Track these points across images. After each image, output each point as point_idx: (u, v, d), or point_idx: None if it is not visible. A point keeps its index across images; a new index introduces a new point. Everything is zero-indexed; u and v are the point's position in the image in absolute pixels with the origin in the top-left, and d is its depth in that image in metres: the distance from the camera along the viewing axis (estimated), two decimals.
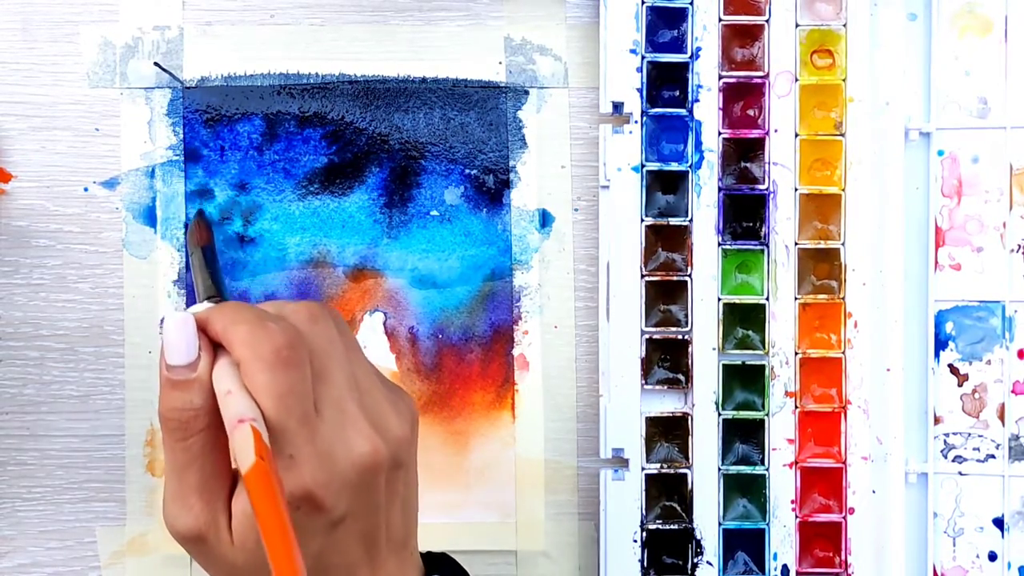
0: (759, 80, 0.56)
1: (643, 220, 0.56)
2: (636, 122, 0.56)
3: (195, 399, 0.39)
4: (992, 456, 0.56)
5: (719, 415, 0.56)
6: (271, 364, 0.38)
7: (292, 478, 0.38)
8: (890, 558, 0.55)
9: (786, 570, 0.56)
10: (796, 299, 0.56)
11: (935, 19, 0.56)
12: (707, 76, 0.56)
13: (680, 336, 0.56)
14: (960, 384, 0.56)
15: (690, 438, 0.56)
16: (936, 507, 0.56)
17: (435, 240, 0.56)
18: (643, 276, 0.56)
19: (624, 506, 0.55)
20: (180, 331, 0.39)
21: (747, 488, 0.56)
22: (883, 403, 0.56)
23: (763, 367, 0.56)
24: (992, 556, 0.56)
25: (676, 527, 0.56)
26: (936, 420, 0.56)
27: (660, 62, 0.56)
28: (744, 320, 0.56)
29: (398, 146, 0.56)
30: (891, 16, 0.56)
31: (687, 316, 0.56)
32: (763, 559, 0.56)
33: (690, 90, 0.56)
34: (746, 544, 0.56)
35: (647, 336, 0.56)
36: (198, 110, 0.56)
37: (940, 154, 0.56)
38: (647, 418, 0.56)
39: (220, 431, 0.39)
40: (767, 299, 0.56)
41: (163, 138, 0.56)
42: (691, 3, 0.56)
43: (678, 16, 0.56)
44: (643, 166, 0.56)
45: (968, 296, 0.56)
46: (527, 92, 0.56)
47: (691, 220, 0.56)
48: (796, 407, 0.56)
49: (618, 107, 0.56)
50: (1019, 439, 0.56)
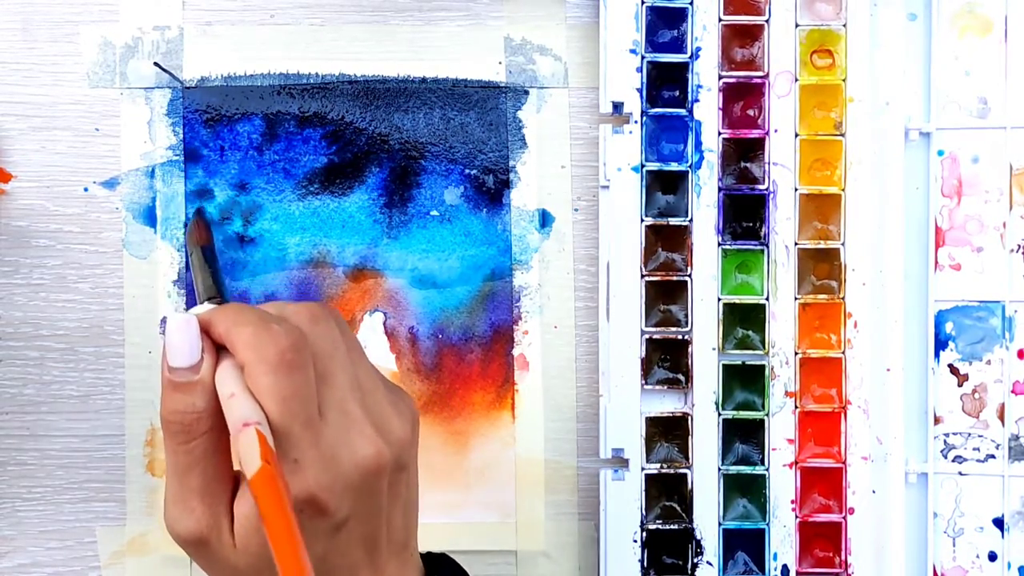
0: (759, 80, 0.56)
1: (643, 220, 0.56)
2: (636, 122, 0.56)
3: (197, 402, 0.39)
4: (992, 456, 0.56)
5: (719, 415, 0.56)
6: (275, 367, 0.38)
7: (296, 482, 0.38)
8: (890, 558, 0.55)
9: (786, 570, 0.56)
10: (796, 299, 0.56)
11: (935, 19, 0.56)
12: (707, 76, 0.56)
13: (680, 336, 0.56)
14: (960, 384, 0.56)
15: (690, 438, 0.56)
16: (936, 507, 0.56)
17: (435, 240, 0.56)
18: (643, 276, 0.56)
19: (624, 506, 0.55)
20: (183, 333, 0.39)
21: (747, 488, 0.56)
22: (883, 403, 0.56)
23: (763, 367, 0.56)
24: (992, 556, 0.56)
25: (676, 527, 0.56)
26: (936, 420, 0.56)
27: (660, 62, 0.56)
28: (744, 320, 0.56)
29: (398, 146, 0.56)
30: (891, 16, 0.56)
31: (687, 316, 0.56)
32: (763, 559, 0.56)
33: (690, 90, 0.56)
34: (746, 544, 0.56)
35: (647, 336, 0.56)
36: (198, 110, 0.56)
37: (940, 154, 0.56)
38: (647, 418, 0.56)
39: (222, 434, 0.39)
40: (767, 299, 0.56)
41: (163, 138, 0.56)
42: (691, 3, 0.56)
43: (678, 16, 0.56)
44: (643, 166, 0.56)
45: (968, 296, 0.56)
46: (527, 92, 0.56)
47: (691, 220, 0.56)
48: (796, 407, 0.56)
49: (618, 107, 0.56)
50: (1019, 439, 0.56)
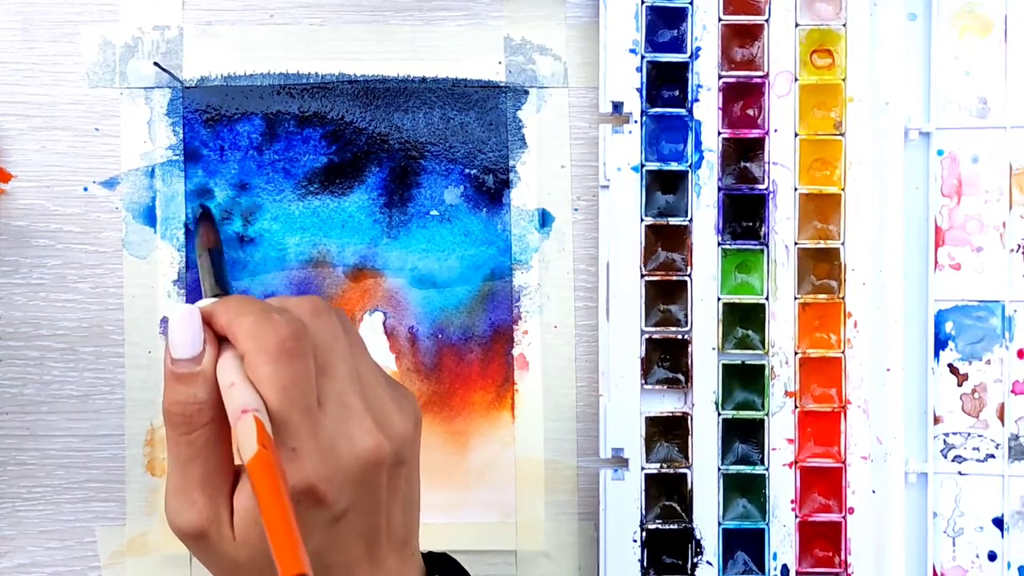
0: (759, 80, 0.56)
1: (643, 220, 0.56)
2: (636, 122, 0.56)
3: (199, 393, 0.39)
4: (992, 456, 0.56)
5: (719, 415, 0.56)
6: (275, 355, 0.38)
7: (294, 471, 0.38)
8: (890, 558, 0.55)
9: (786, 570, 0.56)
10: (796, 299, 0.56)
11: (935, 19, 0.56)
12: (707, 76, 0.56)
13: (680, 336, 0.56)
14: (960, 384, 0.56)
15: (690, 438, 0.56)
16: (936, 507, 0.56)
17: (435, 240, 0.56)
18: (643, 276, 0.56)
19: (624, 506, 0.55)
20: (185, 325, 0.39)
21: (747, 488, 0.56)
22: (883, 403, 0.56)
23: (763, 367, 0.56)
24: (992, 556, 0.56)
25: (676, 527, 0.56)
26: (936, 420, 0.56)
27: (660, 62, 0.56)
28: (744, 320, 0.56)
29: (398, 146, 0.56)
30: (891, 16, 0.56)
31: (687, 316, 0.56)
32: (763, 559, 0.56)
33: (690, 90, 0.56)
34: (746, 544, 0.56)
35: (647, 336, 0.56)
36: (198, 110, 0.56)
37: (940, 154, 0.56)
38: (647, 418, 0.56)
39: (224, 426, 0.39)
40: (767, 299, 0.56)
41: (163, 138, 0.56)
42: (691, 3, 0.56)
43: (678, 16, 0.56)
44: (643, 166, 0.56)
45: (968, 296, 0.56)
46: (527, 92, 0.56)
47: (691, 220, 0.56)
48: (796, 407, 0.56)
49: (618, 107, 0.56)
50: (1019, 439, 0.56)
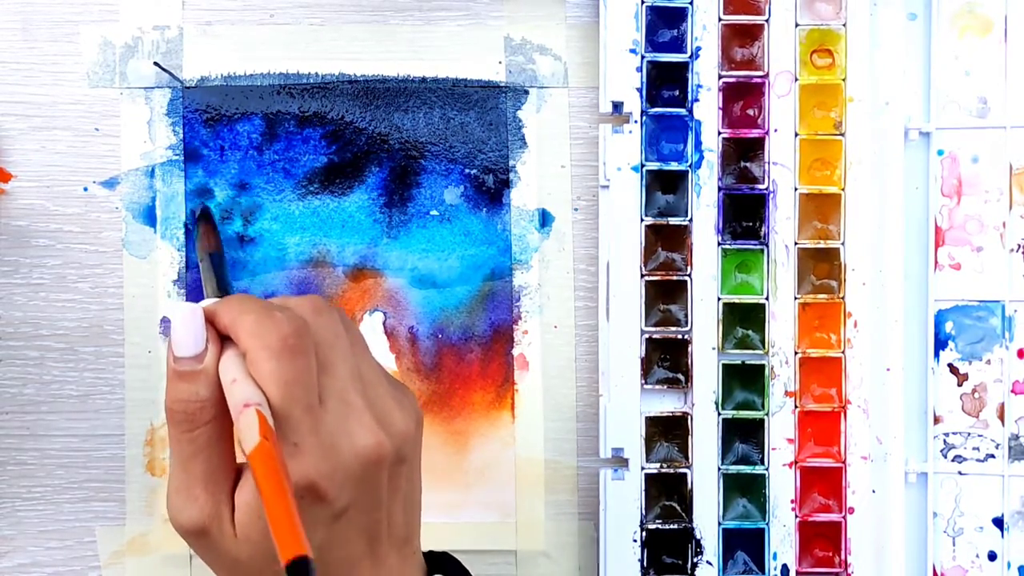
0: (759, 80, 0.56)
1: (643, 220, 0.56)
2: (636, 122, 0.56)
3: (201, 391, 0.39)
4: (992, 456, 0.56)
5: (719, 415, 0.56)
6: (277, 352, 0.38)
7: (296, 467, 0.38)
8: (890, 558, 0.55)
9: (786, 570, 0.56)
10: (796, 299, 0.56)
11: (935, 19, 0.56)
12: (707, 76, 0.56)
13: (680, 336, 0.56)
14: (960, 384, 0.56)
15: (690, 438, 0.56)
16: (936, 507, 0.56)
17: (435, 240, 0.56)
18: (643, 276, 0.56)
19: (624, 506, 0.55)
20: (188, 323, 0.39)
21: (747, 488, 0.56)
22: (883, 403, 0.56)
23: (763, 367, 0.56)
24: (992, 556, 0.56)
25: (676, 527, 0.56)
26: (936, 420, 0.56)
27: (660, 62, 0.56)
28: (744, 320, 0.56)
29: (398, 146, 0.56)
30: (891, 16, 0.56)
31: (687, 316, 0.56)
32: (763, 559, 0.56)
33: (690, 90, 0.56)
34: (746, 544, 0.56)
35: (647, 336, 0.56)
36: (198, 110, 0.56)
37: (940, 154, 0.56)
38: (647, 418, 0.56)
39: (226, 423, 0.39)
40: (767, 299, 0.56)
41: (163, 138, 0.56)
42: (691, 3, 0.56)
43: (678, 16, 0.56)
44: (643, 166, 0.56)
45: (968, 296, 0.56)
46: (527, 92, 0.56)
47: (691, 220, 0.56)
48: (796, 407, 0.56)
49: (618, 107, 0.56)
50: (1019, 439, 0.56)
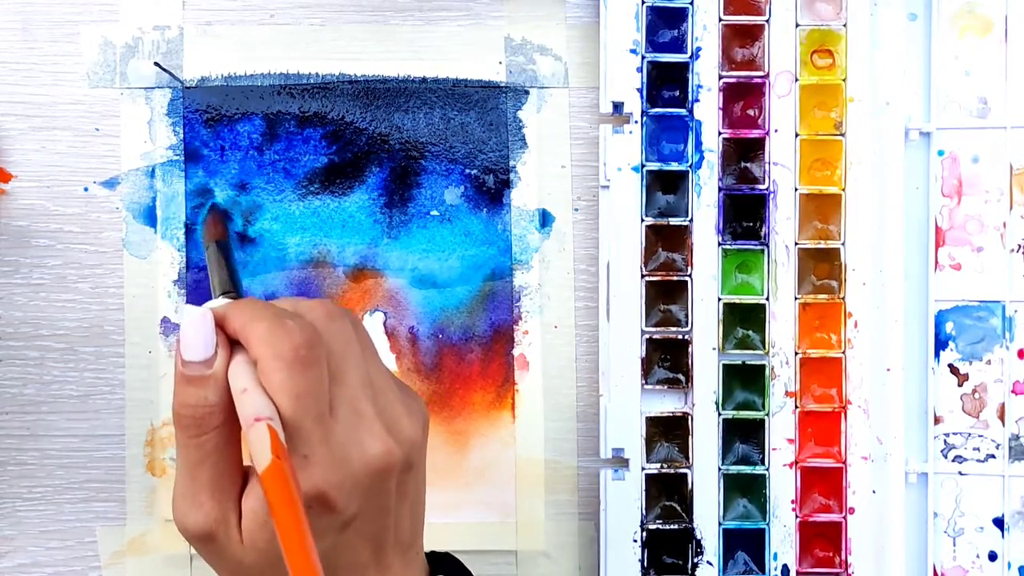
0: (759, 80, 0.56)
1: (643, 220, 0.56)
2: (636, 122, 0.56)
3: (210, 396, 0.38)
4: (992, 456, 0.56)
5: (719, 415, 0.56)
6: (289, 363, 0.38)
7: (305, 478, 0.38)
8: (890, 558, 0.55)
9: (786, 570, 0.56)
10: (796, 299, 0.56)
11: (935, 19, 0.56)
12: (707, 76, 0.56)
13: (680, 336, 0.56)
14: (960, 384, 0.56)
15: (690, 438, 0.56)
16: (936, 507, 0.56)
17: (435, 240, 0.56)
18: (643, 276, 0.56)
19: (624, 506, 0.55)
20: (197, 327, 0.39)
21: (747, 488, 0.56)
22: (883, 403, 0.56)
23: (763, 367, 0.56)
24: (992, 556, 0.56)
25: (676, 527, 0.56)
26: (936, 420, 0.56)
27: (660, 62, 0.56)
28: (744, 320, 0.56)
29: (398, 146, 0.56)
30: (891, 16, 0.56)
31: (687, 316, 0.56)
32: (763, 559, 0.56)
33: (690, 90, 0.56)
34: (746, 544, 0.56)
35: (647, 336, 0.56)
36: (198, 110, 0.56)
37: (940, 154, 0.56)
38: (647, 418, 0.56)
39: (234, 428, 0.39)
40: (767, 299, 0.56)
41: (163, 138, 0.56)
42: (691, 3, 0.56)
43: (678, 16, 0.56)
44: (643, 166, 0.56)
45: (968, 296, 0.56)
46: (527, 92, 0.56)
47: (691, 220, 0.56)
48: (796, 407, 0.56)
49: (618, 107, 0.56)
50: (1019, 439, 0.56)
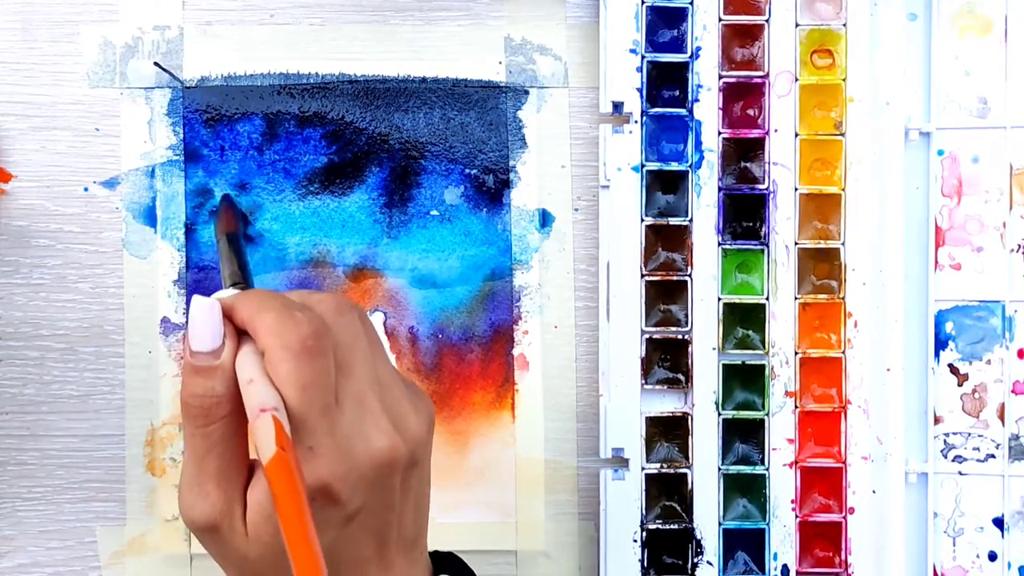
0: (759, 80, 0.56)
1: (643, 220, 0.56)
2: (636, 122, 0.56)
3: (217, 386, 0.39)
4: (992, 456, 0.56)
5: (719, 415, 0.56)
6: (296, 354, 0.38)
7: (310, 469, 0.38)
8: (890, 558, 0.55)
9: (786, 570, 0.56)
10: (796, 299, 0.56)
11: (935, 19, 0.56)
12: (707, 76, 0.56)
13: (680, 336, 0.56)
14: (960, 384, 0.56)
15: (690, 438, 0.56)
16: (936, 507, 0.56)
17: (435, 240, 0.56)
18: (643, 276, 0.56)
19: (624, 506, 0.55)
20: (206, 317, 0.39)
21: (747, 488, 0.56)
22: (883, 403, 0.56)
23: (763, 367, 0.56)
24: (992, 556, 0.56)
25: (676, 527, 0.56)
26: (936, 420, 0.56)
27: (660, 62, 0.56)
28: (744, 320, 0.56)
29: (398, 146, 0.56)
30: (891, 16, 0.56)
31: (687, 316, 0.56)
32: (763, 559, 0.56)
33: (690, 90, 0.56)
34: (746, 544, 0.56)
35: (647, 336, 0.56)
36: (198, 110, 0.56)
37: (940, 154, 0.56)
38: (647, 418, 0.56)
39: (241, 419, 0.39)
40: (767, 299, 0.56)
41: (163, 138, 0.56)
42: (691, 3, 0.56)
43: (678, 16, 0.56)
44: (643, 166, 0.56)
45: (968, 296, 0.56)
46: (527, 92, 0.56)
47: (691, 220, 0.56)
48: (796, 407, 0.56)
49: (618, 107, 0.56)
50: (1019, 439, 0.56)
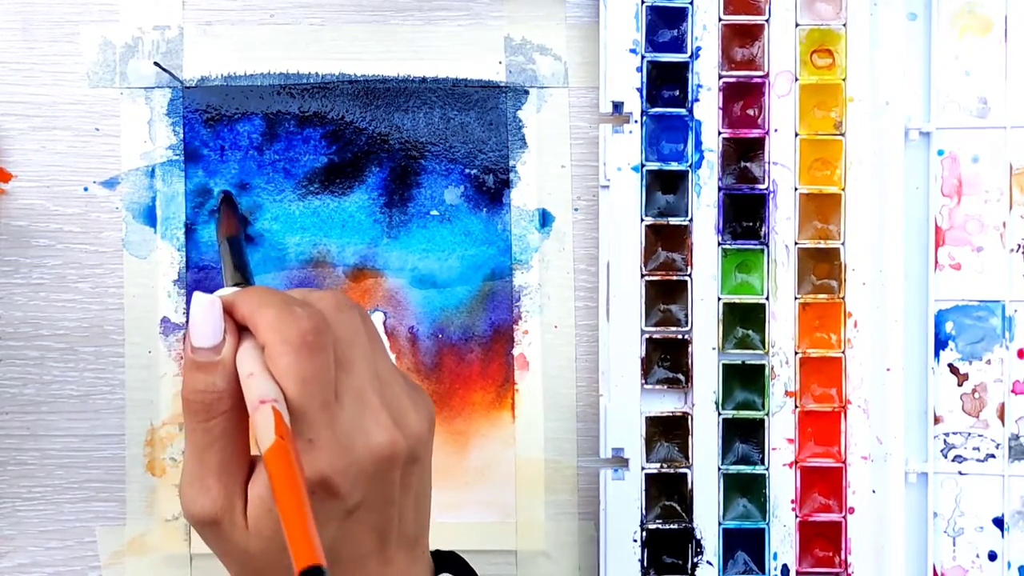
0: (759, 80, 0.56)
1: (643, 220, 0.56)
2: (636, 122, 0.56)
3: (218, 382, 0.39)
4: (992, 456, 0.56)
5: (719, 415, 0.56)
6: (296, 348, 0.38)
7: (310, 463, 0.38)
8: (890, 558, 0.55)
9: (786, 570, 0.56)
10: (796, 299, 0.56)
11: (935, 19, 0.56)
12: (707, 76, 0.56)
13: (680, 336, 0.56)
14: (960, 384, 0.56)
15: (690, 438, 0.56)
16: (936, 507, 0.56)
17: (435, 240, 0.56)
18: (643, 276, 0.56)
19: (624, 506, 0.55)
20: (206, 313, 0.39)
21: (747, 488, 0.56)
22: (883, 403, 0.56)
23: (763, 367, 0.56)
24: (992, 556, 0.56)
25: (676, 527, 0.56)
26: (936, 420, 0.56)
27: (660, 62, 0.56)
28: (744, 320, 0.56)
29: (398, 146, 0.56)
30: (891, 16, 0.56)
31: (687, 316, 0.56)
32: (763, 559, 0.56)
33: (690, 90, 0.56)
34: (746, 544, 0.56)
35: (647, 336, 0.56)
36: (198, 110, 0.56)
37: (940, 154, 0.56)
38: (647, 418, 0.56)
39: (242, 414, 0.39)
40: (767, 299, 0.56)
41: (163, 138, 0.56)
42: (691, 3, 0.56)
43: (678, 16, 0.56)
44: (643, 166, 0.56)
45: (968, 296, 0.56)
46: (527, 92, 0.56)
47: (691, 220, 0.56)
48: (796, 407, 0.56)
49: (618, 107, 0.56)
50: (1019, 439, 0.56)
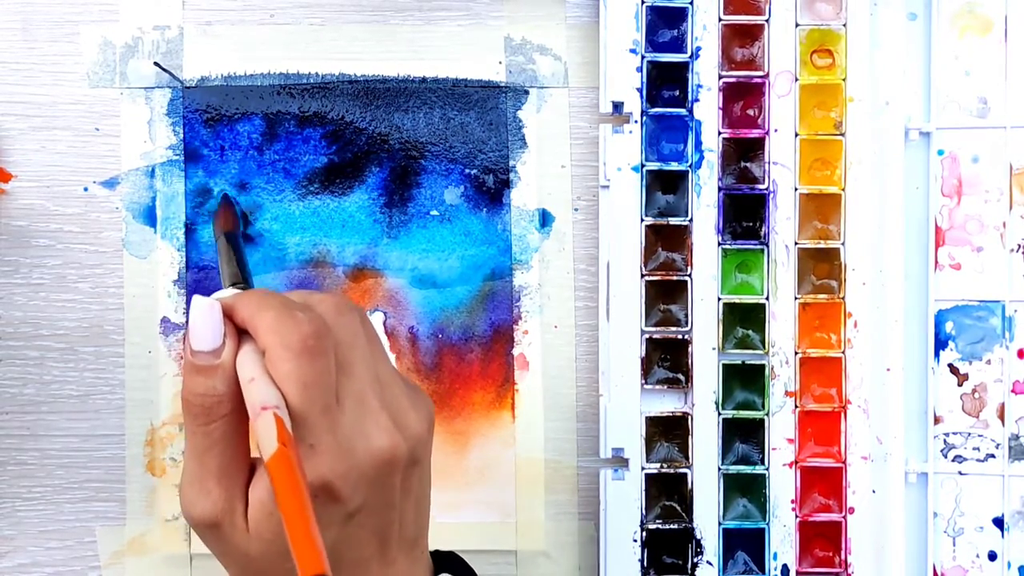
0: (759, 80, 0.56)
1: (643, 220, 0.56)
2: (636, 122, 0.56)
3: (218, 385, 0.39)
4: (992, 456, 0.56)
5: (719, 415, 0.56)
6: (297, 353, 0.38)
7: (311, 467, 0.38)
8: (890, 558, 0.55)
9: (786, 570, 0.56)
10: (796, 299, 0.56)
11: (935, 19, 0.56)
12: (707, 76, 0.56)
13: (680, 336, 0.56)
14: (960, 384, 0.56)
15: (690, 438, 0.56)
16: (936, 507, 0.56)
17: (435, 240, 0.56)
18: (643, 276, 0.56)
19: (624, 506, 0.55)
20: (206, 317, 0.39)
21: (747, 488, 0.56)
22: (883, 403, 0.56)
23: (763, 367, 0.56)
24: (992, 556, 0.56)
25: (676, 527, 0.56)
26: (936, 420, 0.56)
27: (660, 62, 0.56)
28: (744, 320, 0.56)
29: (398, 146, 0.56)
30: (891, 16, 0.56)
31: (687, 316, 0.56)
32: (763, 559, 0.56)
33: (690, 90, 0.56)
34: (746, 544, 0.56)
35: (647, 336, 0.56)
36: (198, 110, 0.56)
37: (940, 154, 0.56)
38: (647, 418, 0.56)
39: (242, 417, 0.39)
40: (767, 299, 0.56)
41: (163, 138, 0.56)
42: (691, 3, 0.56)
43: (678, 16, 0.56)
44: (643, 166, 0.56)
45: (968, 296, 0.56)
46: (527, 92, 0.56)
47: (691, 220, 0.56)
48: (796, 407, 0.56)
49: (618, 107, 0.56)
50: (1019, 439, 0.56)
